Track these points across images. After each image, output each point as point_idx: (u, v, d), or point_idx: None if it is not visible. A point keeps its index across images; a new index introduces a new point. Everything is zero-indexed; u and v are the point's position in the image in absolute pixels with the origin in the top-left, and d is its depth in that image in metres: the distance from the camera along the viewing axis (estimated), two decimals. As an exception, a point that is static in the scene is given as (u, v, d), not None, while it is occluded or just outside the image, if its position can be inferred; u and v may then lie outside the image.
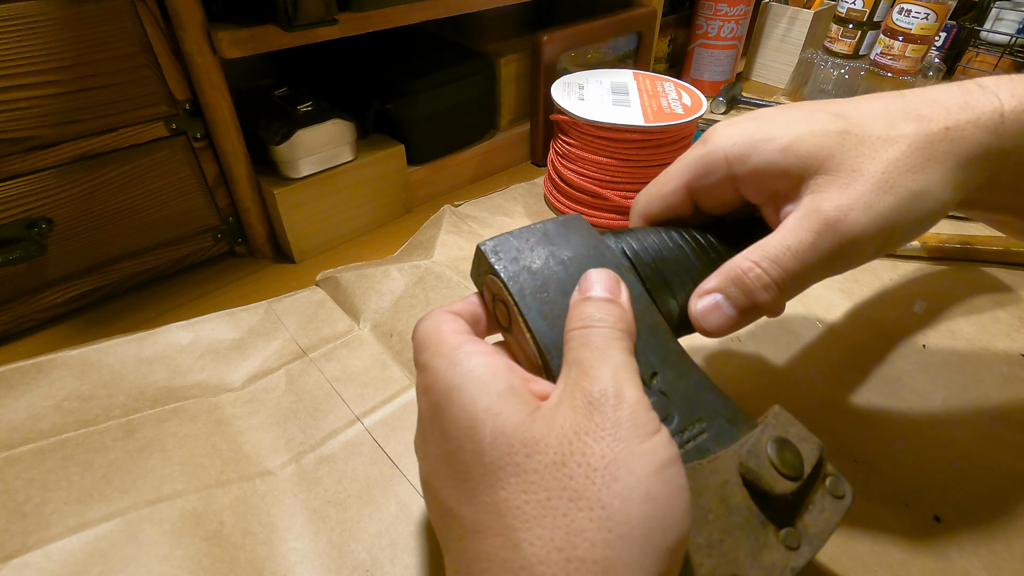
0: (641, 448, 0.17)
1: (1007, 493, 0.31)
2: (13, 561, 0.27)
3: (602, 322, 0.20)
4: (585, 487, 0.16)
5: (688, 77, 0.84)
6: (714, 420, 0.21)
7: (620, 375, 0.18)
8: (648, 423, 0.18)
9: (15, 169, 0.36)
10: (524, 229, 0.24)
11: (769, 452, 0.20)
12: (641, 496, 0.16)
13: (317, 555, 0.28)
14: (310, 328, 0.42)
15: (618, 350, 0.19)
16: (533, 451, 0.17)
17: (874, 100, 0.24)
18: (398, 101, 0.51)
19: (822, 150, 0.23)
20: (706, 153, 0.26)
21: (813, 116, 0.24)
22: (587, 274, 0.22)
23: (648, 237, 0.26)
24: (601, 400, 0.18)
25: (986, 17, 0.90)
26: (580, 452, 0.17)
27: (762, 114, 0.26)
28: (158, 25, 0.38)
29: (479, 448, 0.18)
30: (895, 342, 0.41)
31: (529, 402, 0.19)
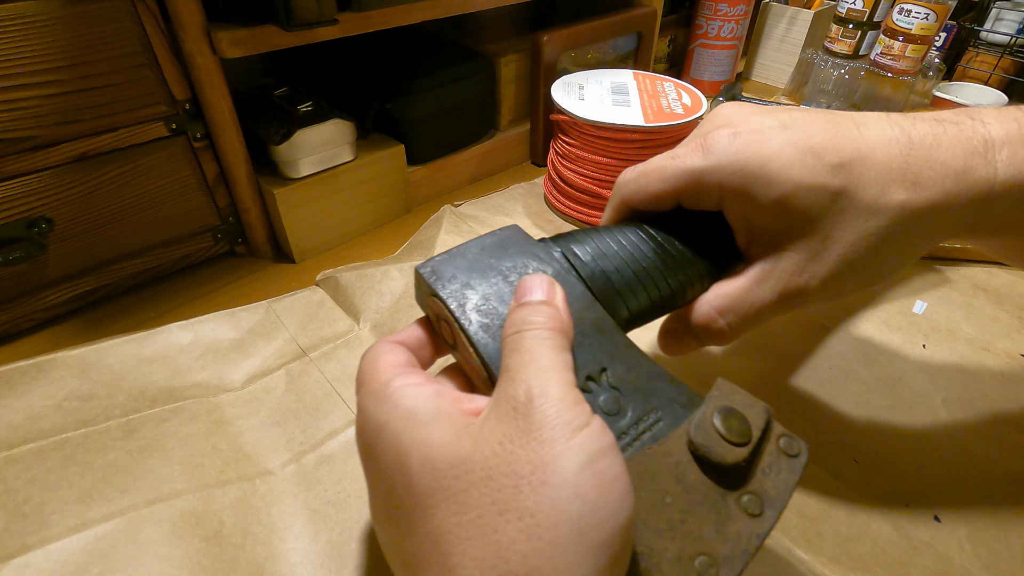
0: (567, 446, 0.16)
1: (1007, 493, 0.31)
2: (13, 561, 0.27)
3: (533, 324, 0.20)
4: (513, 497, 0.16)
5: (688, 77, 0.84)
6: (669, 407, 0.21)
7: (545, 375, 0.18)
8: (575, 418, 0.17)
9: (15, 169, 0.36)
10: (461, 247, 0.24)
11: (715, 423, 0.20)
12: (569, 496, 0.16)
13: (317, 555, 0.28)
14: (310, 328, 0.42)
15: (548, 350, 0.19)
16: (461, 471, 0.17)
17: (883, 138, 0.23)
18: (398, 101, 0.51)
19: (812, 212, 0.23)
20: (703, 172, 0.25)
21: (818, 161, 0.23)
22: (522, 281, 0.22)
23: (590, 240, 0.26)
24: (525, 404, 0.17)
25: (986, 17, 0.90)
26: (506, 462, 0.16)
27: (762, 128, 0.24)
28: (158, 25, 0.38)
29: (408, 480, 0.18)
30: (895, 342, 0.41)
31: (456, 423, 0.18)
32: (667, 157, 0.26)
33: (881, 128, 0.24)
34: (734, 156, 0.24)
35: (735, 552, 0.18)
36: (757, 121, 0.24)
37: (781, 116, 0.24)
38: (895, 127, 0.24)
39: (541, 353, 0.19)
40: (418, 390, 0.20)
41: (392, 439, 0.19)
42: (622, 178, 0.28)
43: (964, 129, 0.23)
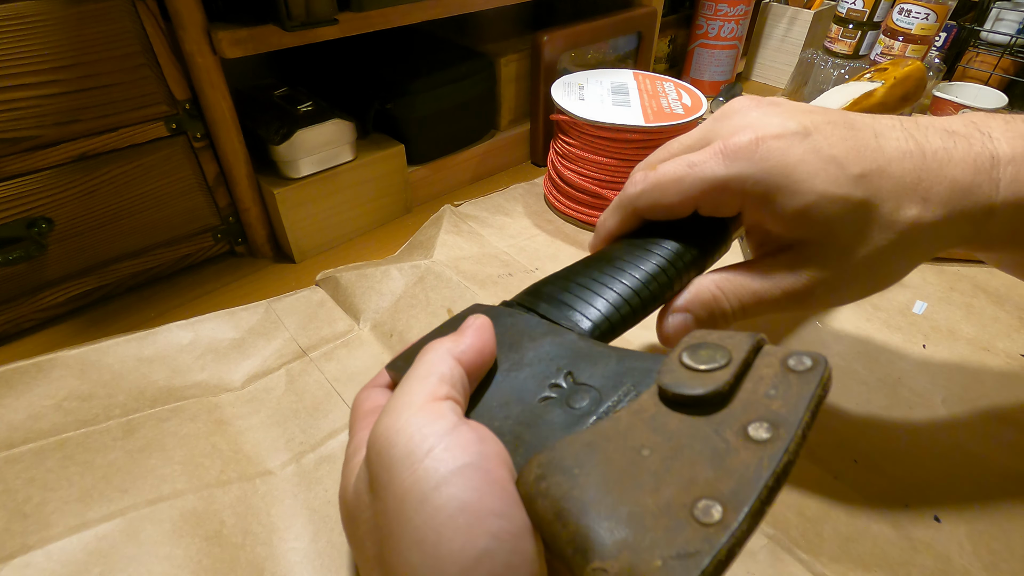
0: (403, 485, 0.16)
1: (1007, 493, 0.31)
2: (13, 561, 0.27)
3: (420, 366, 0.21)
4: (376, 552, 0.17)
5: (688, 77, 0.84)
6: (644, 378, 0.19)
7: (385, 415, 0.19)
8: (417, 445, 0.17)
9: (15, 169, 0.36)
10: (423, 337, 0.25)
11: (683, 359, 0.17)
12: (410, 545, 0.16)
13: (317, 555, 0.28)
14: (310, 328, 0.42)
15: (409, 388, 0.19)
16: (347, 516, 0.20)
17: (899, 151, 0.23)
18: (398, 101, 0.51)
19: (832, 222, 0.23)
20: (726, 181, 0.23)
21: (841, 172, 0.22)
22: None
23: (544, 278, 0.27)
24: (370, 446, 0.18)
25: (986, 17, 0.90)
26: (359, 512, 0.18)
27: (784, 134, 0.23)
28: (158, 25, 0.38)
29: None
30: (895, 342, 0.41)
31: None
32: (683, 165, 0.24)
33: (897, 140, 0.23)
34: (758, 165, 0.23)
35: (743, 483, 0.14)
36: (778, 125, 0.23)
37: (801, 119, 0.24)
38: (910, 139, 0.23)
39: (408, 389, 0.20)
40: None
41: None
42: (633, 189, 0.26)
43: (974, 144, 0.23)
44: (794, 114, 0.24)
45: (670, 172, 0.25)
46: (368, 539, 0.18)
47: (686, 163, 0.24)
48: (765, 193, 0.23)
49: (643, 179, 0.26)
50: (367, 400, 0.24)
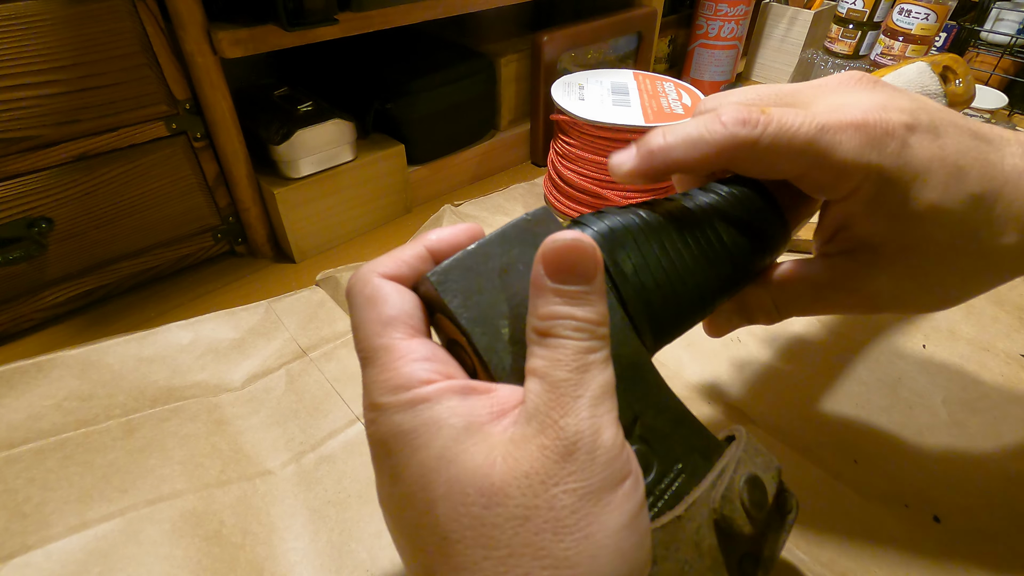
0: (613, 498, 0.16)
1: (1007, 493, 0.31)
2: (13, 561, 0.27)
3: (577, 329, 0.17)
4: (552, 544, 0.15)
5: (688, 77, 0.84)
6: (690, 458, 0.20)
7: (599, 409, 0.16)
8: (622, 467, 0.16)
9: (15, 169, 0.36)
10: (479, 245, 0.19)
11: (743, 496, 0.19)
12: (611, 553, 0.15)
13: (317, 555, 0.28)
14: (310, 328, 0.42)
15: (597, 370, 0.17)
16: (492, 501, 0.15)
17: (1014, 181, 0.21)
18: (398, 101, 0.51)
19: (933, 240, 0.21)
20: (848, 166, 0.20)
21: (961, 186, 0.21)
22: (556, 248, 0.17)
23: (631, 239, 0.21)
24: (577, 445, 0.15)
25: (986, 17, 0.90)
26: (548, 506, 0.15)
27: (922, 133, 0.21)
28: (158, 25, 0.38)
29: (431, 499, 0.16)
30: (895, 342, 0.41)
31: (487, 437, 0.16)
32: (814, 127, 0.20)
33: (1014, 156, 0.22)
34: (887, 159, 0.20)
35: None
36: (906, 111, 0.21)
37: (925, 109, 0.21)
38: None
39: (592, 374, 0.16)
40: (443, 392, 0.17)
41: (415, 452, 0.17)
42: (739, 117, 0.21)
43: None
44: (920, 101, 0.22)
45: (800, 128, 0.20)
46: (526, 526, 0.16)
47: (816, 125, 0.20)
48: (881, 191, 0.21)
49: (756, 122, 0.21)
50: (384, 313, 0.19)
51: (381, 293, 0.18)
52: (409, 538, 0.17)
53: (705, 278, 0.22)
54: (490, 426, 0.17)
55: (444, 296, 0.18)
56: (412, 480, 0.17)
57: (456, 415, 0.16)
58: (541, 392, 0.16)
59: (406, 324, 0.18)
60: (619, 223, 0.21)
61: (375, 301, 0.18)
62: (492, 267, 0.18)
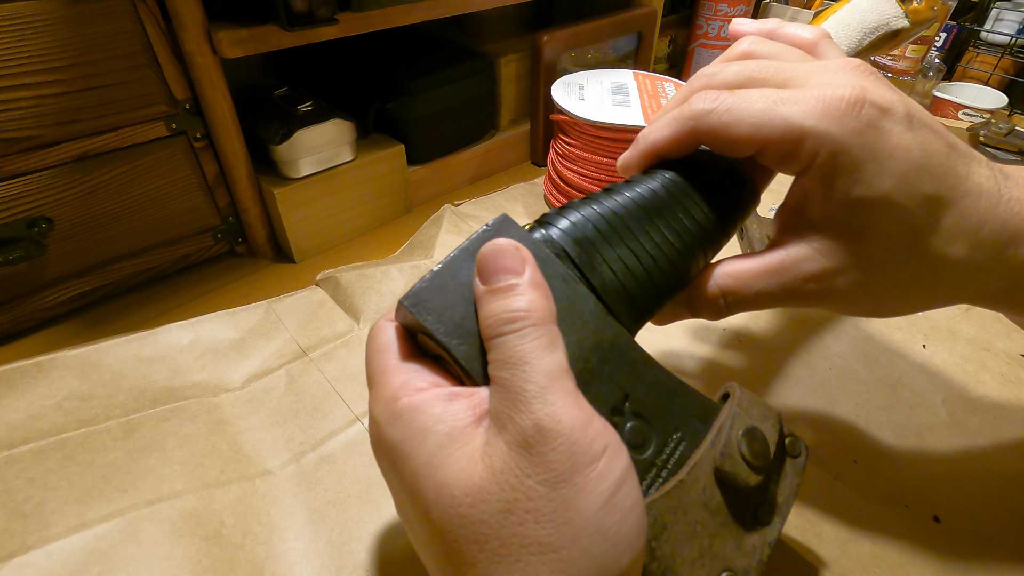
0: (587, 481, 0.16)
1: (1007, 493, 0.31)
2: (13, 561, 0.27)
3: (513, 324, 0.18)
4: (535, 532, 0.16)
5: (688, 77, 0.84)
6: (688, 424, 0.21)
7: (548, 397, 0.17)
8: (589, 447, 0.17)
9: (15, 169, 0.36)
10: (446, 263, 0.20)
11: (741, 449, 0.20)
12: (591, 534, 0.16)
13: (317, 555, 0.28)
14: (310, 328, 0.42)
15: (540, 355, 0.17)
16: (477, 499, 0.17)
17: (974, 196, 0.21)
18: (398, 101, 0.51)
19: (880, 233, 0.21)
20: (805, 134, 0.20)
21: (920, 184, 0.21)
22: (481, 256, 0.19)
23: (593, 227, 0.22)
24: (535, 437, 0.16)
25: (986, 17, 0.90)
26: (525, 497, 0.16)
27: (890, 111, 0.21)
28: (158, 25, 0.38)
29: (426, 504, 0.17)
30: (895, 342, 0.41)
31: (469, 442, 0.18)
32: (769, 99, 0.21)
33: (982, 176, 0.22)
34: (852, 134, 0.20)
35: (751, 563, 0.20)
36: (887, 99, 0.21)
37: (907, 104, 0.21)
38: (993, 181, 0.22)
39: (535, 362, 0.17)
40: (429, 402, 0.18)
41: (408, 461, 0.18)
42: (702, 104, 0.22)
43: None
44: (905, 98, 0.21)
45: (752, 101, 0.21)
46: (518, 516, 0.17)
47: (774, 96, 0.21)
48: (839, 166, 0.21)
49: (715, 99, 0.22)
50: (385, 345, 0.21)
51: (381, 330, 0.21)
52: (419, 542, 0.19)
53: (676, 252, 0.23)
54: (472, 429, 0.18)
55: (418, 316, 0.19)
56: (409, 487, 0.18)
57: (441, 422, 0.18)
58: (495, 392, 0.18)
59: (400, 348, 0.20)
60: (581, 216, 0.22)
61: (376, 337, 0.21)
62: (460, 281, 0.19)
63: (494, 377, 0.18)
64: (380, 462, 0.21)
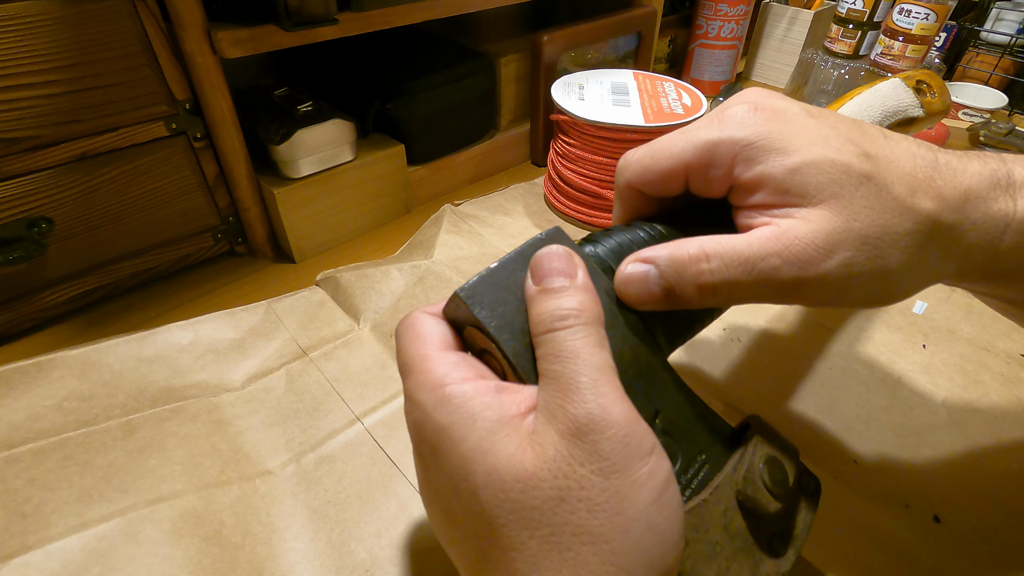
0: (639, 475, 0.17)
1: (1007, 493, 0.31)
2: (13, 561, 0.27)
3: (565, 320, 0.19)
4: (587, 521, 0.16)
5: (688, 77, 0.84)
6: (712, 448, 0.21)
7: (599, 390, 0.17)
8: (642, 442, 0.17)
9: (15, 169, 0.36)
10: (501, 262, 0.21)
11: (763, 475, 0.21)
12: (643, 527, 0.16)
13: (317, 555, 0.28)
14: (310, 328, 0.42)
15: (591, 352, 0.18)
16: (528, 486, 0.17)
17: (909, 152, 0.22)
18: (398, 101, 0.51)
19: (832, 188, 0.21)
20: (717, 144, 0.22)
21: (842, 145, 0.21)
22: (536, 258, 0.20)
23: (638, 245, 0.23)
24: (588, 426, 0.17)
25: (986, 17, 0.90)
26: (578, 485, 0.17)
27: (785, 110, 0.22)
28: (158, 25, 0.38)
29: (473, 488, 0.18)
30: (895, 342, 0.41)
31: (518, 429, 0.18)
32: (677, 133, 0.24)
33: (907, 144, 0.22)
34: (752, 128, 0.22)
35: None
36: (782, 104, 0.23)
37: (806, 106, 0.23)
38: (921, 147, 0.22)
39: (586, 357, 0.18)
40: (478, 388, 0.19)
41: (456, 443, 0.18)
42: (624, 160, 0.25)
43: (989, 163, 0.22)
44: (799, 103, 0.23)
45: (663, 140, 0.24)
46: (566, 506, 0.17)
47: (679, 133, 0.24)
48: (761, 151, 0.22)
49: (632, 152, 0.25)
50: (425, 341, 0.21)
51: (418, 319, 0.21)
52: (458, 526, 0.19)
53: None
54: (519, 419, 0.18)
55: (473, 308, 0.19)
56: (454, 472, 0.18)
57: (489, 408, 0.18)
58: (545, 385, 0.18)
59: (440, 339, 0.21)
60: (627, 239, 0.24)
61: (413, 325, 0.21)
62: (513, 281, 0.20)
63: (544, 371, 0.18)
64: (420, 447, 0.20)
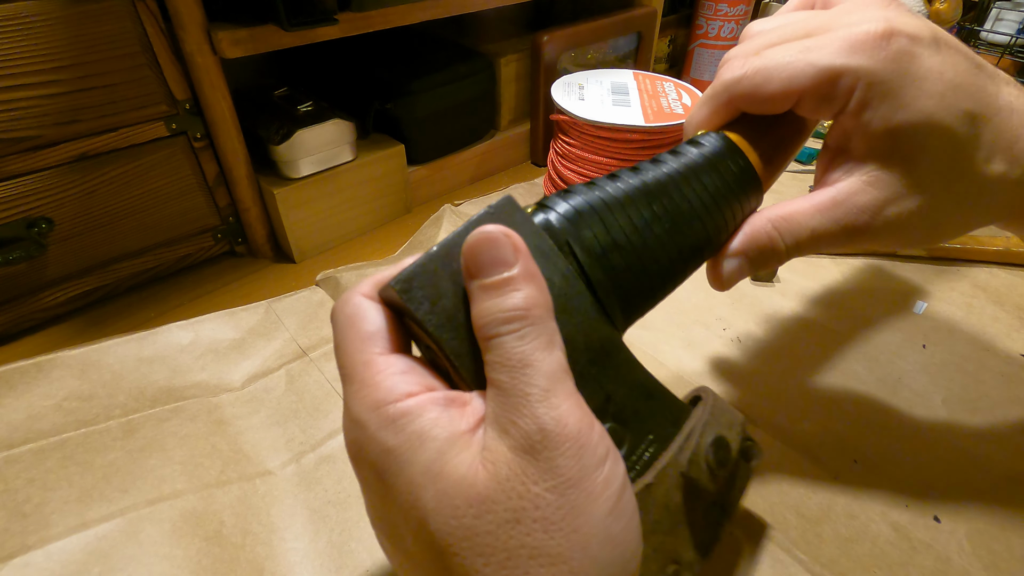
0: (595, 487, 0.16)
1: (1007, 493, 0.31)
2: (13, 561, 0.27)
3: (510, 324, 0.17)
4: (544, 543, 0.15)
5: (688, 77, 0.84)
6: (660, 428, 0.21)
7: (552, 400, 0.16)
8: (594, 449, 0.16)
9: (15, 169, 0.36)
10: (442, 246, 0.18)
11: (707, 457, 0.20)
12: (601, 541, 0.16)
13: (317, 555, 0.28)
14: (310, 328, 0.42)
15: (541, 357, 0.17)
16: (481, 510, 0.16)
17: (1007, 112, 0.22)
18: (398, 101, 0.51)
19: (926, 154, 0.21)
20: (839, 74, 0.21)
21: (957, 102, 0.21)
22: (468, 247, 0.17)
23: (597, 217, 0.20)
24: (542, 443, 0.16)
25: (986, 17, 0.90)
26: (533, 505, 0.16)
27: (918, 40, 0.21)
28: (158, 25, 0.38)
29: (423, 515, 0.16)
30: (895, 342, 0.41)
31: (468, 446, 0.16)
32: (794, 49, 0.22)
33: (1011, 94, 0.22)
34: (883, 62, 0.20)
35: (696, 557, 0.21)
36: (913, 26, 0.21)
37: (936, 32, 0.22)
38: (1020, 98, 0.22)
39: (537, 367, 0.16)
40: (423, 406, 0.17)
41: (403, 468, 0.16)
42: (731, 74, 0.23)
43: None
44: (928, 23, 0.22)
45: (779, 58, 0.22)
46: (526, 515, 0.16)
47: (799, 47, 0.22)
48: (877, 96, 0.21)
49: (742, 65, 0.23)
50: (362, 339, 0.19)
51: (360, 311, 0.19)
52: (406, 554, 0.18)
53: (676, 247, 0.22)
54: (469, 435, 0.17)
55: (409, 305, 0.17)
56: (402, 497, 0.17)
57: (438, 426, 0.17)
58: (494, 396, 0.17)
59: (385, 339, 0.18)
60: (584, 201, 0.21)
61: (355, 319, 0.19)
62: (456, 268, 0.18)
63: (493, 380, 0.17)
64: (362, 470, 0.18)
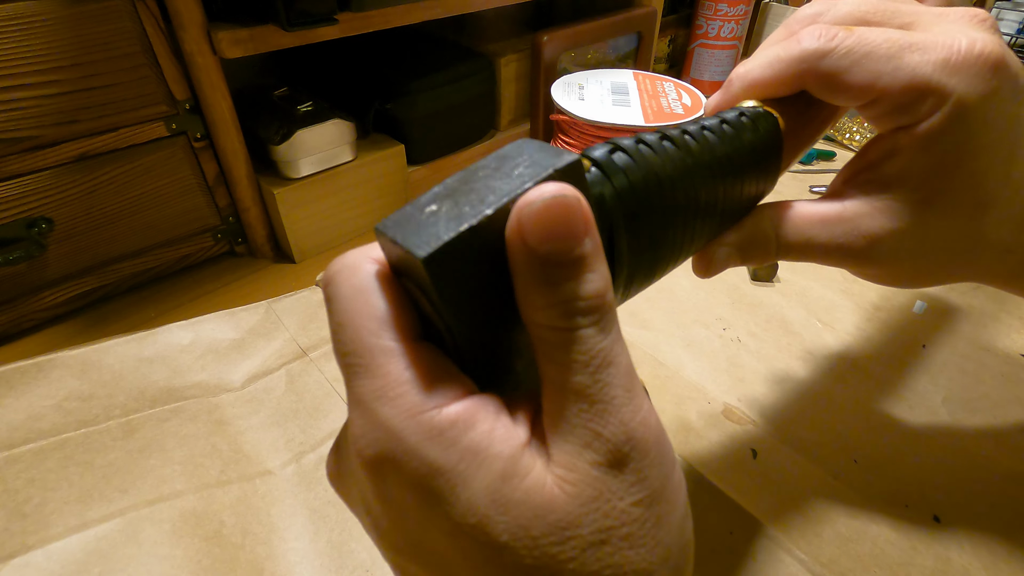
0: (673, 493, 0.15)
1: (1007, 493, 0.31)
2: (13, 561, 0.27)
3: (591, 315, 0.14)
4: (631, 559, 0.14)
5: (688, 77, 0.84)
6: None
7: (634, 401, 0.14)
8: (670, 451, 0.15)
9: (15, 169, 0.36)
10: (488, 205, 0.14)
11: None
12: (679, 550, 0.15)
13: (317, 555, 0.28)
14: (310, 328, 0.42)
15: (618, 351, 0.14)
16: (564, 536, 0.13)
17: None
18: (398, 101, 0.51)
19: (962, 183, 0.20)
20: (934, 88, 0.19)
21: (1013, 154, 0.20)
22: (535, 212, 0.13)
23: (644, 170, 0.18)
24: (630, 455, 0.14)
25: (986, 17, 0.90)
26: (620, 523, 0.14)
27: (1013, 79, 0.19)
28: (158, 25, 0.38)
29: (494, 550, 0.13)
30: (895, 342, 0.41)
31: (535, 463, 0.14)
32: (888, 41, 0.20)
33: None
34: (982, 100, 0.19)
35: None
36: (1017, 65, 0.20)
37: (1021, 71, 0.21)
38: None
39: (617, 362, 0.14)
40: (473, 414, 0.14)
41: (459, 492, 0.13)
42: (812, 43, 0.21)
43: None
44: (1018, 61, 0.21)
45: (876, 44, 0.20)
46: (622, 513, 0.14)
47: (900, 42, 0.19)
48: (955, 130, 0.19)
49: (831, 37, 0.20)
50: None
51: (374, 284, 0.15)
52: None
53: (692, 232, 0.20)
54: (531, 449, 0.14)
55: (438, 283, 0.13)
56: (459, 527, 0.13)
57: (497, 441, 0.14)
58: (568, 404, 0.14)
59: (406, 322, 0.15)
60: (638, 168, 0.18)
61: (367, 293, 0.15)
62: (498, 231, 0.14)
63: (567, 383, 0.14)
64: (389, 487, 0.14)
